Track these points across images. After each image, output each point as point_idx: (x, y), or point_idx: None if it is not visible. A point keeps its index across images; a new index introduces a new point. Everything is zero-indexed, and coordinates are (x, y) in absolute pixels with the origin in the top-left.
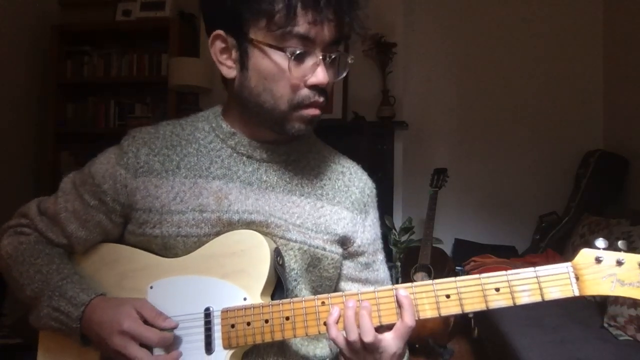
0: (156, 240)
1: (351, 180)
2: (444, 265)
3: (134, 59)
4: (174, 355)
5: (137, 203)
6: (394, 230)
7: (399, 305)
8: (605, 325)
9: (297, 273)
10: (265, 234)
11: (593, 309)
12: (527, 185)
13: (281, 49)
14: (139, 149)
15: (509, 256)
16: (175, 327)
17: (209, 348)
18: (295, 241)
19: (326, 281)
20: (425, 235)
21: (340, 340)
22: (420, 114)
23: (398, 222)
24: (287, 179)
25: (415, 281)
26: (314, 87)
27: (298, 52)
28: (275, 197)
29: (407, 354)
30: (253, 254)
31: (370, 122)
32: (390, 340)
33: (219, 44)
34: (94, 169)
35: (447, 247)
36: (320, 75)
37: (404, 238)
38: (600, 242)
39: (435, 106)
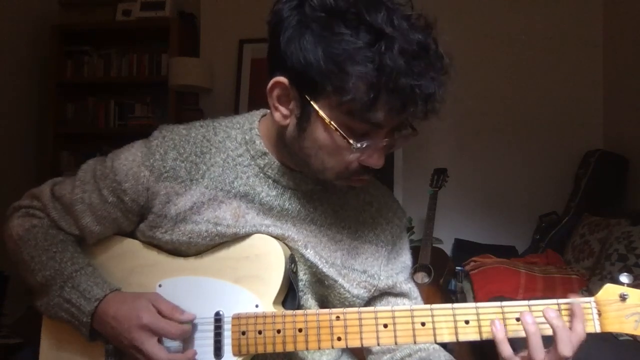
0: (167, 245)
1: (378, 212)
2: (444, 265)
3: (134, 59)
4: (189, 353)
5: (154, 207)
6: None
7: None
8: None
9: (304, 284)
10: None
11: None
12: (527, 185)
13: (348, 138)
14: (167, 152)
15: (509, 256)
16: (192, 320)
17: (218, 353)
18: (307, 259)
19: (329, 304)
20: (425, 235)
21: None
22: None
23: None
24: (311, 209)
25: (414, 281)
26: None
27: (363, 145)
28: (292, 225)
29: None
30: (267, 260)
31: None
32: None
33: (279, 91)
34: (117, 165)
35: (447, 247)
36: (376, 161)
37: None
38: (625, 278)
39: None
